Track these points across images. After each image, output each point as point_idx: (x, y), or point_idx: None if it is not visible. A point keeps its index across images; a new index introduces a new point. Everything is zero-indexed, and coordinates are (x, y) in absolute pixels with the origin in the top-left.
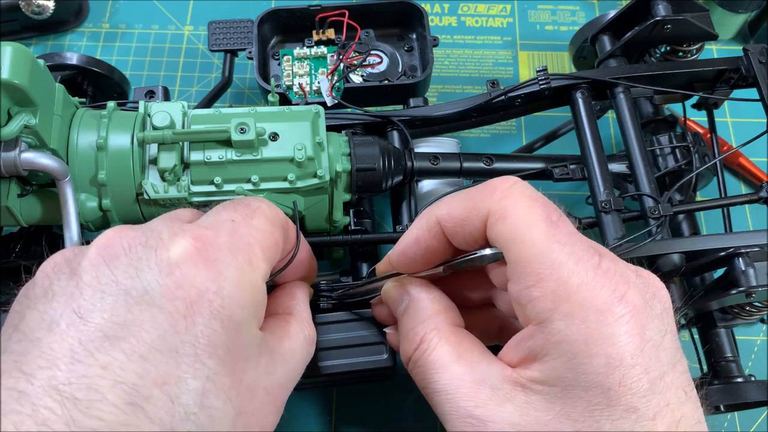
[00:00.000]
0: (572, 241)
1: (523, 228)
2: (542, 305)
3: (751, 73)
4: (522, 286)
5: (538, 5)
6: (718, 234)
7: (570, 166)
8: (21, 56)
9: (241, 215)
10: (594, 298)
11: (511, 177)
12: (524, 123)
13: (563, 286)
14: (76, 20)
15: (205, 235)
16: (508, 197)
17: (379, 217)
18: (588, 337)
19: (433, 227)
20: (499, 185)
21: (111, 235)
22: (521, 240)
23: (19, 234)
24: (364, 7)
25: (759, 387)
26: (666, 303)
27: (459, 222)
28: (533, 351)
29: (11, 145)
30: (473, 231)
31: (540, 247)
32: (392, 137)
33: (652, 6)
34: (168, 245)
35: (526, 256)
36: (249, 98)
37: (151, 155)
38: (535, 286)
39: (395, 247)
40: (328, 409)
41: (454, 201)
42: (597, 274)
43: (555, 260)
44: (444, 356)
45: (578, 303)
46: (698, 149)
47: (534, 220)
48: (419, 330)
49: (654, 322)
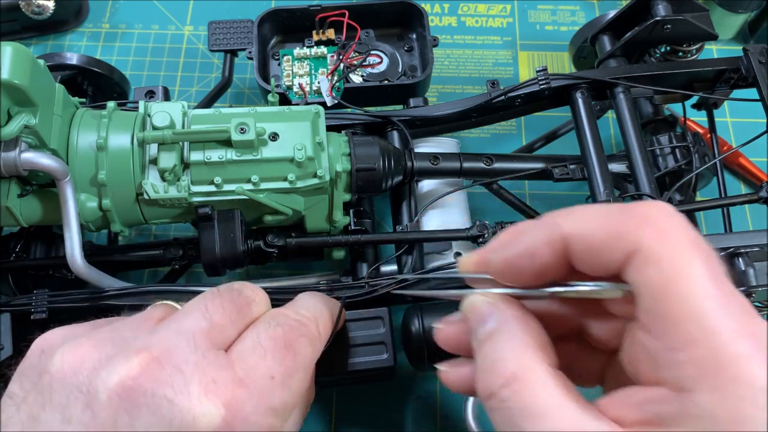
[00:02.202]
0: (733, 303)
1: (682, 280)
2: (687, 372)
3: (751, 73)
4: (665, 345)
5: (538, 5)
6: (718, 234)
7: (570, 166)
8: (21, 56)
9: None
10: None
11: (666, 205)
12: (524, 123)
13: (717, 356)
14: (76, 20)
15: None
16: (666, 235)
17: (379, 217)
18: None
19: (557, 243)
20: (653, 215)
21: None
22: (677, 294)
23: (19, 234)
24: (364, 7)
25: None
26: None
27: (594, 248)
28: (662, 417)
29: (11, 145)
30: (608, 262)
31: (697, 308)
32: (392, 137)
33: (652, 6)
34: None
35: (679, 314)
36: (249, 98)
37: (151, 155)
38: (683, 349)
39: (499, 247)
40: (328, 409)
41: (589, 219)
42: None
43: (712, 326)
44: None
45: (731, 378)
46: (698, 149)
47: (695, 273)
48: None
49: None
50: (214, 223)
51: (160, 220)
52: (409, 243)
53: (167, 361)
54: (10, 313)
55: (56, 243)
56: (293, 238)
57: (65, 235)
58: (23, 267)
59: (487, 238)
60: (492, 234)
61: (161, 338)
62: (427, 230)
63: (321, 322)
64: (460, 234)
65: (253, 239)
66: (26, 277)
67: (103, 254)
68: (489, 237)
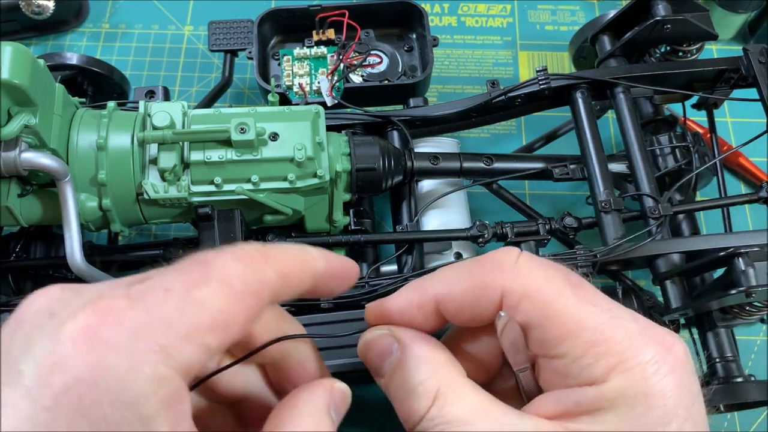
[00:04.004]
0: (601, 298)
1: (553, 301)
2: (597, 370)
3: (751, 73)
4: (571, 359)
5: (538, 5)
6: (718, 234)
7: (570, 166)
8: (21, 56)
9: (183, 283)
10: (646, 351)
11: (513, 248)
12: (524, 123)
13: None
14: (76, 20)
15: (111, 309)
16: (522, 273)
17: (379, 217)
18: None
19: (426, 305)
20: (504, 260)
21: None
22: (557, 314)
23: (19, 234)
24: (364, 7)
25: (759, 387)
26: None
27: (466, 305)
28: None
29: (11, 145)
30: (482, 312)
31: (577, 315)
32: (392, 137)
33: (652, 6)
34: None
35: (568, 329)
36: (249, 98)
37: (151, 155)
38: (586, 354)
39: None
40: None
41: (452, 279)
42: (641, 327)
43: (596, 323)
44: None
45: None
46: (698, 149)
47: (559, 290)
48: (431, 384)
49: (695, 377)
50: (214, 223)
51: (160, 220)
52: (409, 243)
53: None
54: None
55: (56, 243)
56: (293, 238)
57: (65, 234)
58: (23, 267)
59: (487, 238)
60: (492, 234)
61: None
62: (427, 230)
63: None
64: (460, 234)
65: (253, 239)
66: (26, 277)
67: (103, 254)
68: (489, 237)
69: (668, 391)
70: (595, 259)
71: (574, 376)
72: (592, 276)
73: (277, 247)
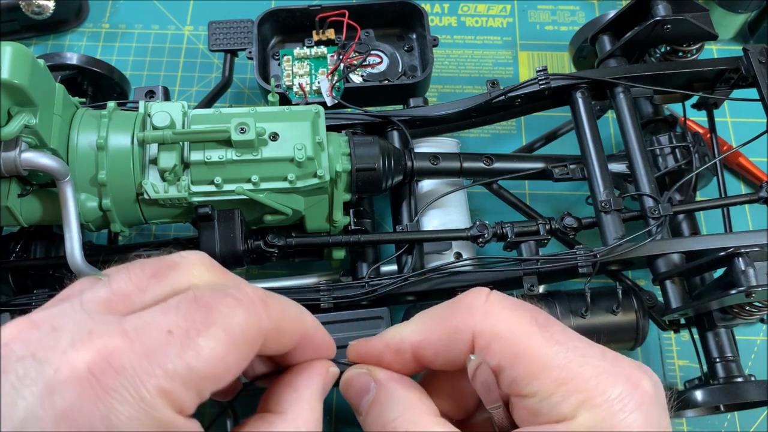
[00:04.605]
0: (569, 337)
1: (522, 341)
2: (566, 407)
3: (751, 73)
4: (540, 397)
5: (538, 5)
6: (718, 234)
7: (570, 166)
8: (21, 56)
9: (185, 329)
10: (613, 388)
11: (482, 289)
12: (524, 123)
13: (581, 383)
14: (76, 20)
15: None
16: (491, 314)
17: (379, 217)
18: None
19: (403, 353)
20: (473, 302)
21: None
22: (525, 353)
23: (19, 234)
24: (364, 7)
25: (759, 387)
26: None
27: (440, 350)
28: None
29: (11, 145)
30: (457, 356)
31: (545, 354)
32: (392, 137)
33: (652, 6)
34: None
35: (535, 368)
36: (249, 98)
37: (152, 155)
38: (555, 392)
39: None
40: (328, 409)
41: (427, 325)
42: (608, 364)
43: (563, 361)
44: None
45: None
46: (698, 149)
47: (526, 330)
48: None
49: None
50: (214, 223)
51: (160, 220)
52: (409, 243)
53: (44, 324)
54: (10, 312)
55: (56, 243)
56: (293, 238)
57: (65, 234)
58: (23, 267)
59: (487, 238)
60: (492, 234)
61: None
62: (427, 230)
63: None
64: (460, 234)
65: (253, 239)
66: (26, 277)
67: (103, 254)
68: (489, 237)
69: (635, 426)
70: (595, 259)
71: (544, 413)
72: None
73: (279, 299)
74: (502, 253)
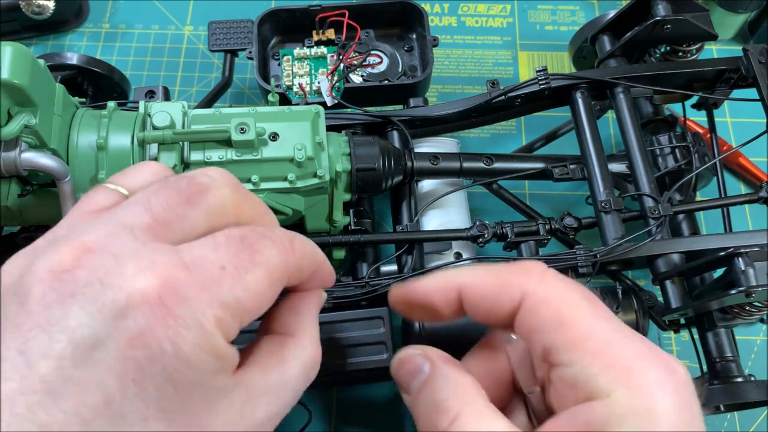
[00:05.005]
0: (613, 317)
1: (570, 310)
2: (603, 381)
3: (751, 73)
4: (579, 366)
5: (538, 5)
6: (718, 234)
7: (570, 166)
8: (21, 56)
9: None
10: (651, 370)
11: (540, 262)
12: (524, 123)
13: (621, 359)
14: (76, 20)
15: (176, 281)
16: (546, 281)
17: (379, 217)
18: (652, 408)
19: (449, 291)
20: (533, 268)
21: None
22: (570, 321)
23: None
24: (364, 7)
25: (759, 387)
26: None
27: (487, 297)
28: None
29: (11, 145)
30: (500, 310)
31: (589, 326)
32: (392, 137)
33: (652, 6)
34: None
35: (578, 335)
36: (249, 98)
37: (152, 155)
38: (594, 363)
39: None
40: (328, 409)
41: (480, 274)
42: (647, 348)
43: (607, 336)
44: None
45: (639, 375)
46: (698, 149)
47: (577, 301)
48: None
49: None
50: None
51: None
52: (409, 243)
53: (101, 249)
54: None
55: None
56: None
57: None
58: None
59: (487, 238)
60: (492, 234)
61: (96, 229)
62: (427, 230)
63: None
64: (460, 234)
65: None
66: None
67: None
68: (489, 237)
69: (672, 409)
70: (595, 259)
71: (581, 384)
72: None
73: (300, 238)
74: (502, 253)
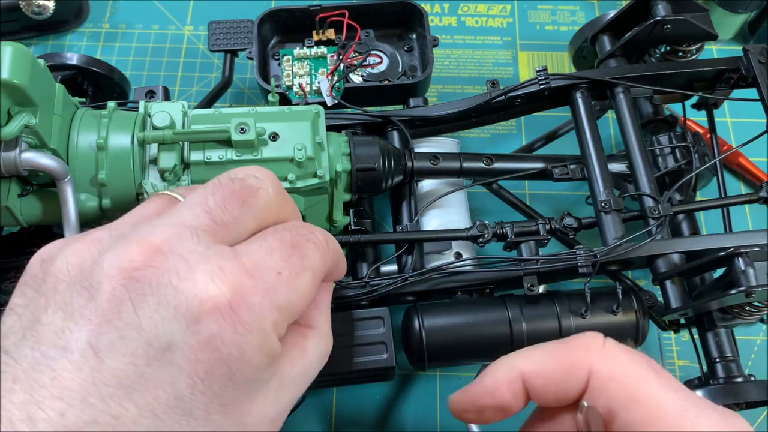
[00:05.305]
0: (681, 386)
1: (639, 386)
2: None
3: (751, 73)
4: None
5: (538, 5)
6: (718, 234)
7: (570, 166)
8: (21, 56)
9: (289, 271)
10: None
11: (598, 333)
12: (524, 123)
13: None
14: (76, 20)
15: (244, 289)
16: (608, 356)
17: (379, 217)
18: None
19: (514, 382)
20: (591, 342)
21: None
22: (641, 398)
23: (19, 234)
24: (364, 7)
25: (759, 387)
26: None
27: (554, 383)
28: None
29: (11, 145)
30: (568, 391)
31: (662, 400)
32: (392, 137)
33: (652, 6)
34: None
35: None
36: (249, 98)
37: (152, 155)
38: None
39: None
40: (328, 409)
41: (540, 358)
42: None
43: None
44: None
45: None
46: (698, 149)
47: (644, 375)
48: None
49: None
50: None
51: None
52: (409, 243)
53: (170, 251)
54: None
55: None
56: None
57: (65, 234)
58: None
59: (487, 238)
60: (492, 234)
61: (162, 230)
62: (427, 230)
63: (332, 243)
64: (460, 234)
65: None
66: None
67: None
68: (489, 237)
69: None
70: (595, 259)
71: None
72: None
73: (332, 238)
74: (502, 253)
